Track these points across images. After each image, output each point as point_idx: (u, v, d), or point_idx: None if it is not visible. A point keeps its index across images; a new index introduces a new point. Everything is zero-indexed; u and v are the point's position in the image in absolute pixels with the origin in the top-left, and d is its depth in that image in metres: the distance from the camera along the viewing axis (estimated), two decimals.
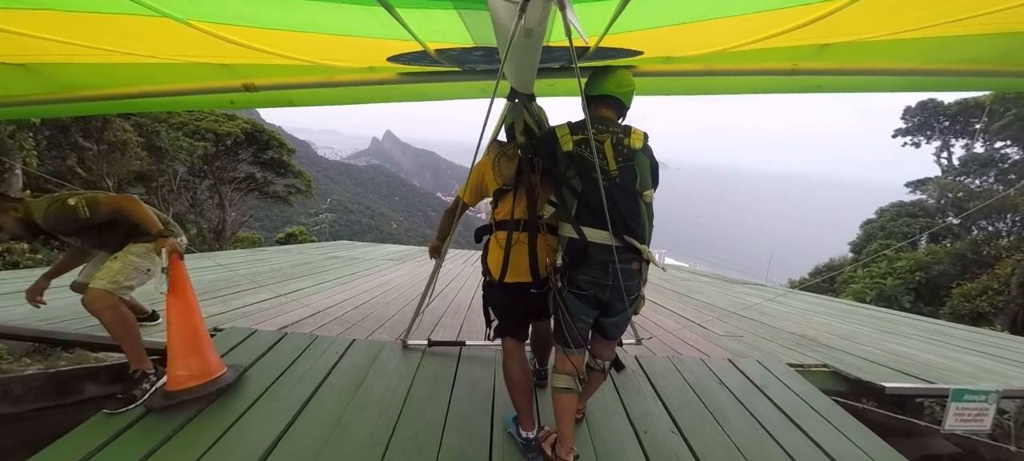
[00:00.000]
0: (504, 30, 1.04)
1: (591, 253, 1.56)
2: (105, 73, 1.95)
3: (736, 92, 2.37)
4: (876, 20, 1.35)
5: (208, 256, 7.06)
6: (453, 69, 1.91)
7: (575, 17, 0.89)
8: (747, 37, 1.53)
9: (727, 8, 1.25)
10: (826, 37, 1.50)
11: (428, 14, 1.18)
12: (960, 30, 1.37)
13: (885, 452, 2.10)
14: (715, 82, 2.09)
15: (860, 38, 1.52)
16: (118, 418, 1.86)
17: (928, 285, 10.98)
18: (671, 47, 1.74)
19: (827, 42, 1.56)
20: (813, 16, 1.23)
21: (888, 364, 3.24)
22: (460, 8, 1.13)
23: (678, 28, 1.40)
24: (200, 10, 1.18)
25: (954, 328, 5.03)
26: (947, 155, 16.72)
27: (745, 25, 1.39)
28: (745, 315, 4.77)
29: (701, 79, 2.04)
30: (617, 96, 1.67)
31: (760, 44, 1.55)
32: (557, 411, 1.71)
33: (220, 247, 15.93)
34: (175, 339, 1.98)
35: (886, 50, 1.65)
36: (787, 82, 2.02)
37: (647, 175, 1.62)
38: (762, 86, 2.19)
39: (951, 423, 2.62)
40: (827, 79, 1.99)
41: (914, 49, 1.64)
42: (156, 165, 12.26)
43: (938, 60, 1.74)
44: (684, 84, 2.18)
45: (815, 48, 1.61)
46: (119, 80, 2.08)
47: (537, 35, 1.05)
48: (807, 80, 1.99)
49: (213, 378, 2.06)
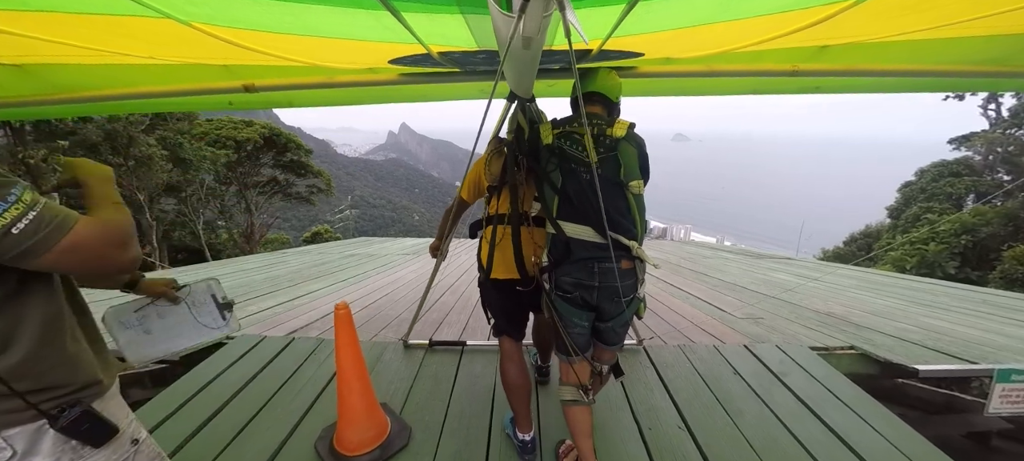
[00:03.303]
0: (504, 37, 1.04)
1: (573, 250, 1.48)
2: (102, 74, 1.97)
3: (736, 93, 2.35)
4: (874, 23, 1.38)
5: (231, 262, 7.32)
6: (454, 70, 1.91)
7: (575, 18, 0.87)
8: (748, 40, 1.51)
9: (729, 12, 1.24)
10: (825, 39, 1.51)
11: (433, 18, 1.17)
12: (957, 33, 1.39)
13: (913, 441, 1.95)
14: (715, 83, 2.09)
15: (858, 40, 1.53)
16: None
17: (975, 249, 10.22)
18: (672, 49, 1.73)
19: (826, 44, 1.56)
20: (815, 19, 1.24)
21: (925, 343, 3.01)
22: (465, 12, 1.12)
23: (680, 31, 1.41)
24: (202, 12, 1.17)
25: (1003, 297, 4.63)
26: (995, 107, 15.33)
27: (746, 28, 1.38)
28: (767, 294, 4.55)
29: (701, 80, 2.04)
30: (603, 92, 1.60)
31: (761, 46, 1.53)
32: (570, 426, 1.64)
33: (251, 250, 16.61)
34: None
35: (884, 52, 1.67)
36: (787, 83, 2.04)
37: (633, 165, 1.49)
38: (762, 87, 2.19)
39: (996, 405, 2.40)
40: (826, 80, 2.01)
41: (911, 51, 1.66)
42: (183, 176, 12.77)
43: (936, 61, 1.77)
44: (684, 85, 2.18)
45: (814, 50, 1.64)
46: (116, 81, 2.10)
47: (536, 43, 1.04)
48: (806, 81, 2.00)
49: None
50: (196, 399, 2.20)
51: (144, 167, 10.43)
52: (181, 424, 2.00)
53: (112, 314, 1.28)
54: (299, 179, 18.94)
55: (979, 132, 14.29)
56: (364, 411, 1.86)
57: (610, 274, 1.45)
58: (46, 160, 7.32)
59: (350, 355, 1.82)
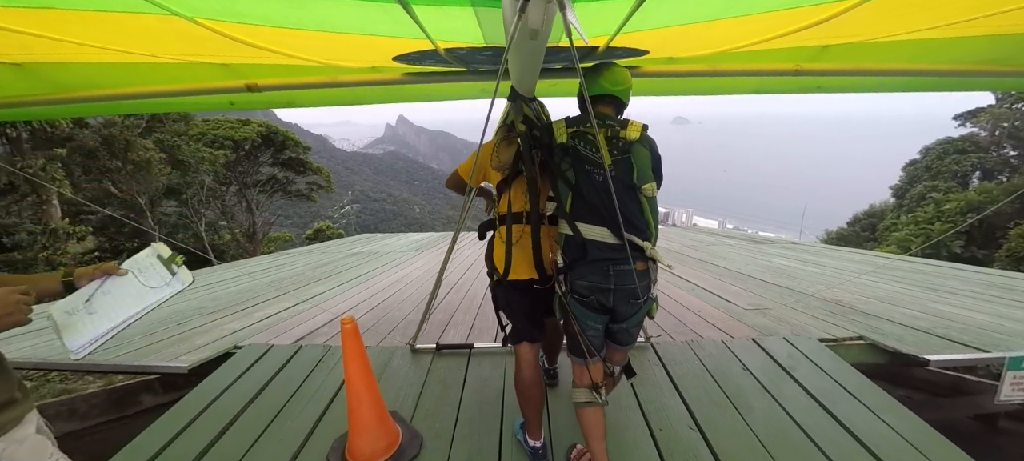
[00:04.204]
0: (511, 27, 1.05)
1: (589, 251, 1.47)
2: (104, 73, 1.95)
3: (739, 92, 2.34)
4: (877, 23, 1.37)
5: (235, 265, 7.33)
6: (458, 69, 1.89)
7: (575, 18, 0.87)
8: (752, 38, 1.51)
9: (735, 9, 1.23)
10: (828, 39, 1.51)
11: (444, 12, 1.16)
12: (958, 32, 1.39)
13: (924, 433, 1.94)
14: (718, 82, 2.08)
15: (861, 39, 1.53)
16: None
17: (981, 227, 10.15)
18: (676, 47, 1.72)
19: (828, 43, 1.56)
20: (820, 17, 1.23)
21: (934, 331, 2.99)
22: (477, 6, 1.12)
23: (684, 28, 1.40)
24: (208, 7, 1.16)
25: (1012, 278, 4.60)
26: None
27: (751, 26, 1.38)
28: (773, 282, 4.53)
29: (704, 79, 2.03)
30: (614, 94, 1.57)
31: (764, 45, 1.53)
32: (583, 429, 1.63)
33: (254, 249, 16.64)
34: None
35: (886, 51, 1.67)
36: (789, 82, 2.03)
37: (646, 168, 1.49)
38: (765, 86, 2.19)
39: (1007, 393, 2.40)
40: (828, 80, 2.02)
41: (913, 50, 1.65)
42: (183, 178, 12.74)
43: (937, 61, 1.77)
44: (687, 84, 2.17)
45: (817, 49, 1.64)
46: (118, 81, 2.07)
47: (542, 36, 1.05)
48: (808, 81, 2.00)
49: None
50: (206, 414, 2.21)
51: (143, 171, 10.40)
52: (192, 441, 2.01)
53: (58, 309, 1.18)
54: (299, 176, 18.88)
55: (985, 107, 14.10)
56: (375, 422, 1.86)
57: (626, 276, 1.45)
58: (45, 169, 7.29)
59: (358, 367, 1.82)
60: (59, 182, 7.45)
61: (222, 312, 4.03)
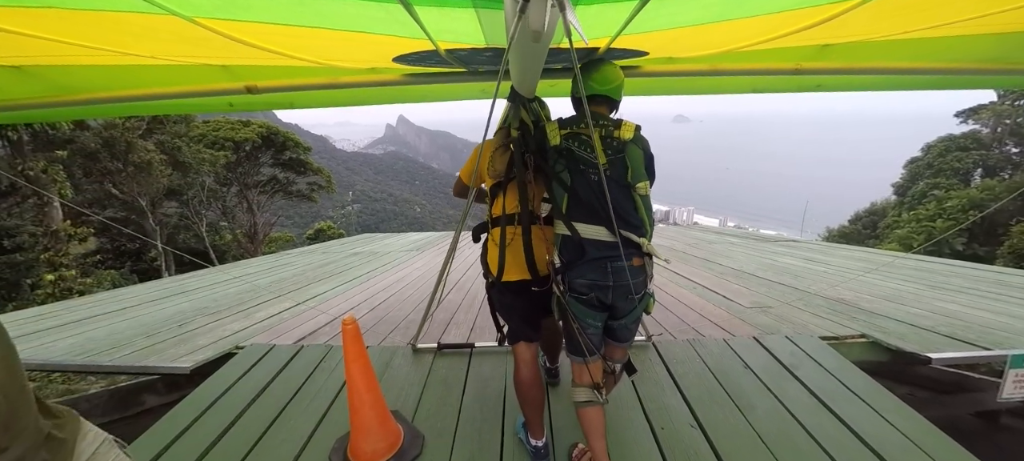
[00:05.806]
0: (512, 29, 1.04)
1: (587, 250, 1.48)
2: (103, 75, 1.95)
3: (738, 91, 2.36)
4: (877, 22, 1.37)
5: (237, 266, 7.34)
6: (458, 70, 1.89)
7: (575, 19, 0.87)
8: (751, 39, 1.51)
9: (735, 11, 1.23)
10: (828, 38, 1.50)
11: (445, 13, 1.16)
12: (959, 31, 1.39)
13: (928, 433, 1.93)
14: (718, 82, 2.09)
15: (861, 39, 1.53)
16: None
17: (983, 224, 10.12)
18: (676, 48, 1.71)
19: (828, 43, 1.56)
20: (820, 18, 1.23)
21: (937, 328, 2.98)
22: (479, 6, 1.12)
23: (684, 30, 1.40)
24: (206, 5, 1.15)
25: (1017, 276, 4.58)
26: None
27: (751, 28, 1.38)
28: (775, 281, 4.52)
29: (704, 79, 2.03)
30: (605, 93, 1.57)
31: (764, 45, 1.53)
32: (584, 428, 1.63)
33: (256, 249, 16.67)
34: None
35: (886, 50, 1.67)
36: (789, 81, 2.03)
37: (640, 167, 1.51)
38: (764, 85, 2.20)
39: (1010, 391, 2.39)
40: (828, 79, 2.01)
41: (913, 49, 1.66)
42: (183, 179, 12.76)
43: (937, 60, 1.77)
44: (687, 84, 2.18)
45: (817, 48, 1.64)
46: (117, 83, 2.07)
47: (545, 38, 1.04)
48: (808, 79, 2.00)
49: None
50: (208, 414, 2.21)
51: (144, 172, 10.42)
52: (194, 440, 2.01)
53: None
54: (299, 177, 18.92)
55: (987, 104, 14.03)
56: (376, 422, 1.86)
57: (622, 272, 1.46)
58: (46, 171, 7.31)
59: (360, 368, 1.82)
60: (61, 184, 7.46)
61: (224, 313, 4.03)
